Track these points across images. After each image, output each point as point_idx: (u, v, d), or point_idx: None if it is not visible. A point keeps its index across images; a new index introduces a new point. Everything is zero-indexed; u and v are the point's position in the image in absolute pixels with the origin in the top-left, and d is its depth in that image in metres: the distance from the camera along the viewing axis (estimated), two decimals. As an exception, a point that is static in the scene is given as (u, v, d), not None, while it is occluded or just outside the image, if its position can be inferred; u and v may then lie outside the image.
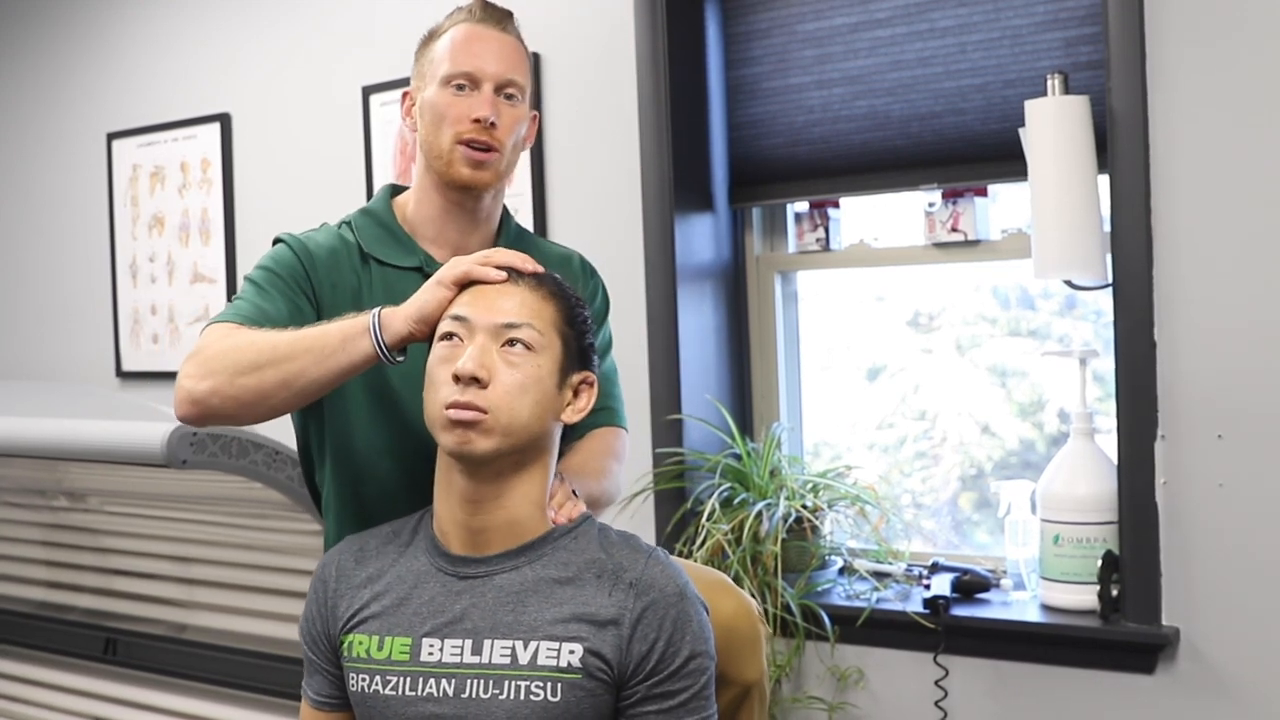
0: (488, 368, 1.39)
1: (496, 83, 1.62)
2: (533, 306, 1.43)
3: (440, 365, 1.42)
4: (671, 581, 1.42)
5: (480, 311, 1.42)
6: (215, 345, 1.50)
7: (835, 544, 2.69)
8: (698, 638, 1.41)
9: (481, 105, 1.61)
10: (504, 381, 1.40)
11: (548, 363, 1.43)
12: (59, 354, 3.93)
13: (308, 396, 1.50)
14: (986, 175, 2.54)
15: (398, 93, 3.12)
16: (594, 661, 1.38)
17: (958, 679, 2.46)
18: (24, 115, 3.99)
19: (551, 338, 1.44)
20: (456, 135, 1.61)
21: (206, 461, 2.11)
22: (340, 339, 1.46)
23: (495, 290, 1.43)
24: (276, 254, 1.64)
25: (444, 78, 1.63)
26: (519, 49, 1.67)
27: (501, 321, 1.41)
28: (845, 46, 2.66)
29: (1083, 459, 2.38)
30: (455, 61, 1.62)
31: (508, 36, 1.66)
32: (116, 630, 2.97)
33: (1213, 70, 2.20)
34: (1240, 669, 2.22)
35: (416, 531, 1.51)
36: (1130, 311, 2.26)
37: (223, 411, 1.49)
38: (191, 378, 1.48)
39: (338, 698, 1.52)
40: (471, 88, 1.62)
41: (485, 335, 1.41)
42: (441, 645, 1.42)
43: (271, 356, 1.46)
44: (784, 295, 2.89)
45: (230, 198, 3.50)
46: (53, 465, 2.64)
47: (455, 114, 1.61)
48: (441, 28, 1.68)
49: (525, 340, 1.41)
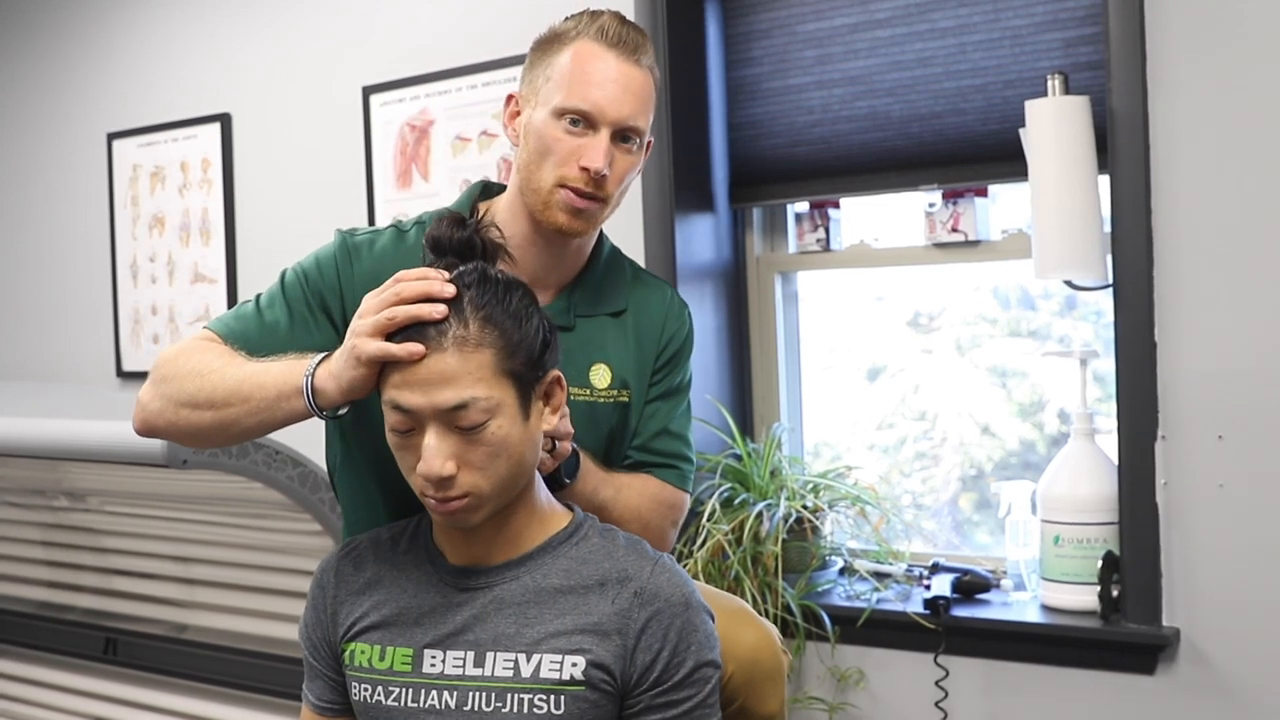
0: (453, 458, 1.32)
1: (616, 128, 1.48)
2: (471, 372, 1.31)
3: (402, 453, 1.36)
4: (678, 590, 1.40)
5: (418, 399, 1.31)
6: (176, 363, 1.48)
7: (836, 544, 2.69)
8: (703, 647, 1.39)
9: (596, 155, 1.47)
10: (472, 462, 1.33)
11: (507, 417, 1.33)
12: (59, 354, 3.93)
13: (247, 439, 1.47)
14: (987, 176, 2.54)
15: (398, 93, 3.15)
16: (597, 673, 1.36)
17: (958, 679, 2.46)
18: (24, 115, 3.99)
19: (501, 387, 1.32)
20: (560, 178, 1.48)
21: (206, 461, 2.11)
22: (275, 394, 1.40)
23: (423, 365, 1.30)
24: (319, 255, 1.57)
25: (558, 109, 1.48)
26: (649, 86, 1.51)
27: (445, 407, 1.30)
28: (845, 47, 2.66)
29: (1083, 459, 2.38)
30: (574, 93, 1.47)
31: (639, 70, 1.50)
32: (116, 630, 2.97)
33: (1213, 71, 2.20)
34: (1240, 669, 2.22)
35: (415, 538, 1.49)
36: (1130, 312, 2.26)
37: (169, 436, 1.49)
38: (147, 392, 1.49)
39: (339, 703, 1.51)
40: (587, 127, 1.48)
41: (435, 423, 1.32)
42: (444, 657, 1.40)
43: (210, 398, 1.43)
44: (784, 295, 2.89)
45: (230, 198, 3.50)
46: (53, 465, 2.64)
47: (563, 153, 1.48)
48: (566, 34, 1.51)
49: (476, 419, 1.31)
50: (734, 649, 1.53)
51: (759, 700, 1.56)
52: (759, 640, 1.59)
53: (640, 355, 1.63)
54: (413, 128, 3.11)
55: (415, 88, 3.10)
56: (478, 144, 3.00)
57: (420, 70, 3.09)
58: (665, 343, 1.65)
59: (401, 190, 3.14)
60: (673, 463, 1.65)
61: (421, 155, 3.10)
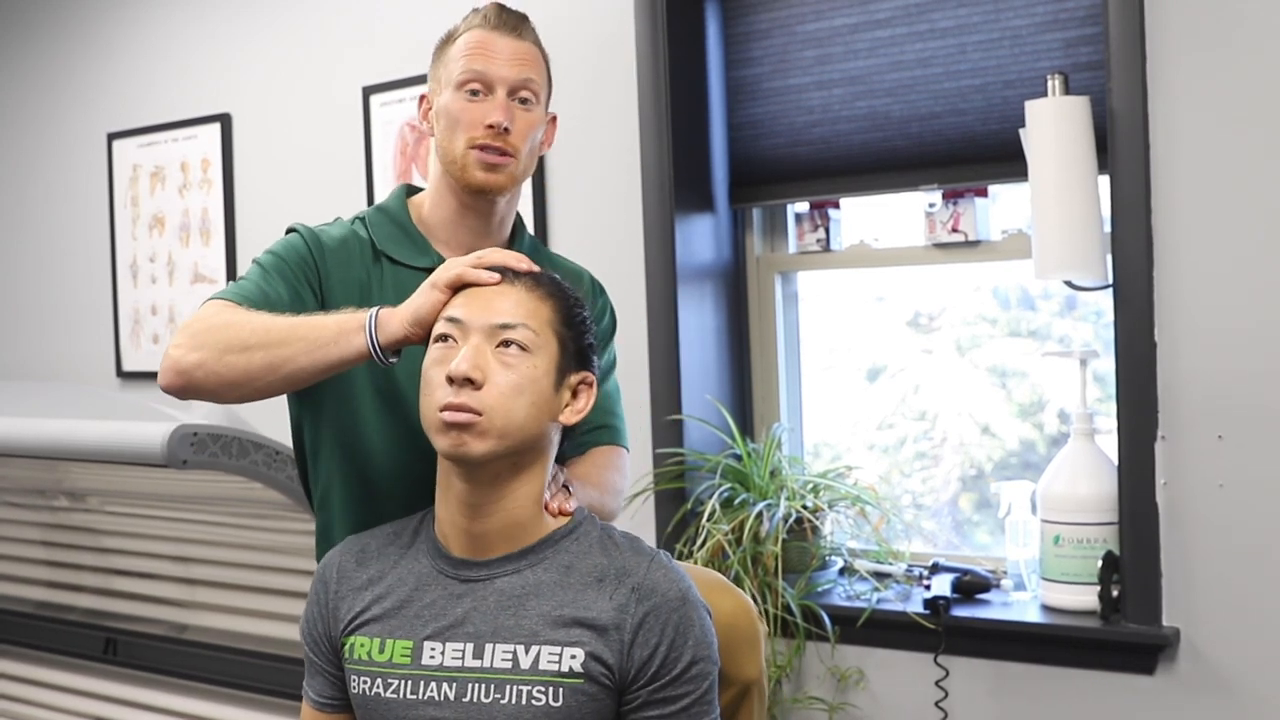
0: (482, 368, 1.38)
1: (510, 86, 1.62)
2: (528, 307, 1.42)
3: (434, 367, 1.41)
4: (674, 586, 1.41)
5: (474, 312, 1.41)
6: (209, 319, 1.49)
7: (836, 544, 2.69)
8: (700, 643, 1.40)
9: (495, 110, 1.60)
10: (499, 383, 1.38)
11: (544, 363, 1.41)
12: (59, 354, 3.93)
13: (294, 384, 1.49)
14: (987, 176, 2.54)
15: (398, 93, 3.15)
16: (596, 666, 1.38)
17: (958, 679, 2.46)
18: (24, 115, 3.99)
19: (548, 338, 1.42)
20: (470, 140, 1.61)
21: (206, 461, 2.11)
22: (336, 332, 1.45)
23: (490, 291, 1.42)
24: (287, 241, 1.64)
25: (457, 82, 1.62)
26: (534, 52, 1.66)
27: (496, 322, 1.40)
28: (845, 47, 2.66)
29: (1083, 459, 2.38)
30: (468, 66, 1.62)
31: (522, 42, 1.65)
32: (116, 630, 2.97)
33: (1213, 71, 2.20)
34: (1241, 669, 2.22)
35: (418, 533, 1.51)
36: (1130, 312, 2.26)
37: (205, 386, 1.48)
38: (180, 348, 1.48)
39: (339, 699, 1.51)
40: (485, 92, 1.61)
41: (480, 336, 1.40)
42: (443, 649, 1.41)
43: (263, 339, 1.45)
44: (784, 296, 2.89)
45: (230, 198, 3.50)
46: (53, 465, 2.64)
47: (469, 119, 1.61)
48: (457, 31, 1.67)
49: (520, 341, 1.40)
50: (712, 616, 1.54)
51: (737, 665, 1.58)
52: (736, 607, 1.62)
53: None
54: (413, 128, 3.11)
55: (415, 88, 3.10)
56: (478, 144, 3.00)
57: (420, 70, 3.05)
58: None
59: (401, 190, 3.14)
60: (607, 422, 1.73)
61: (421, 155, 3.10)
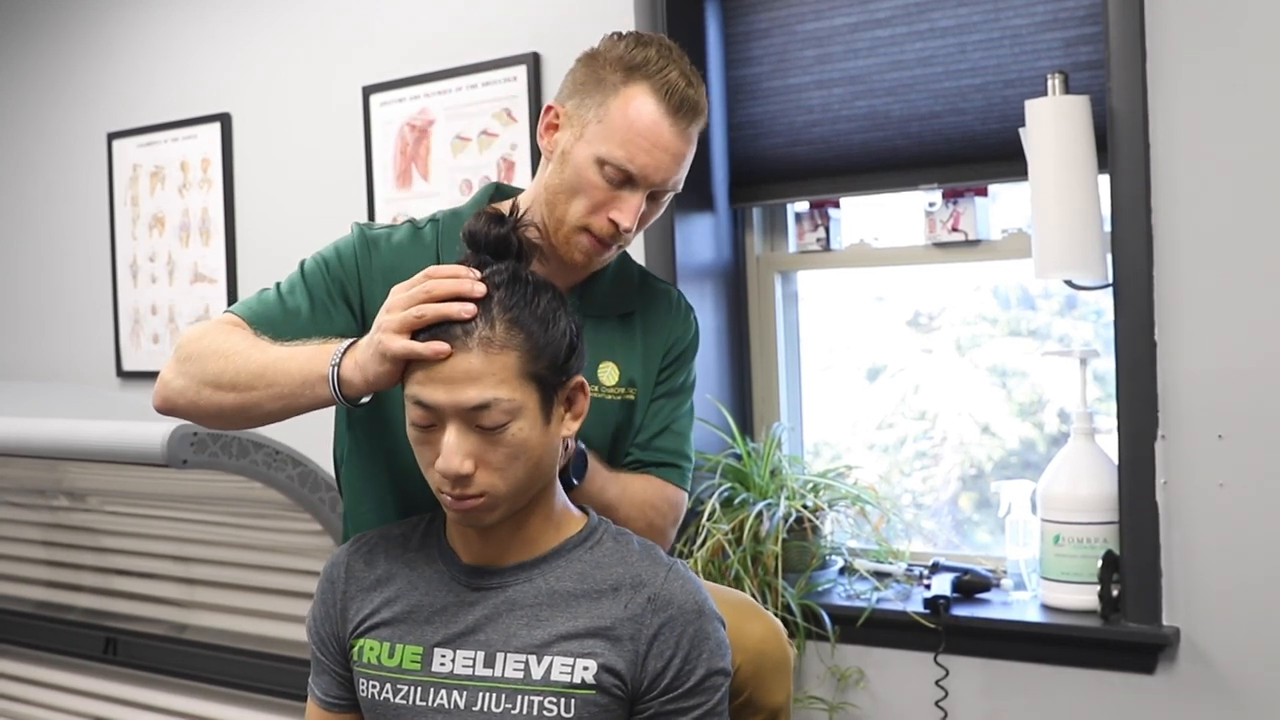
0: (471, 456, 1.32)
1: (655, 190, 1.52)
2: (495, 374, 1.31)
3: (421, 447, 1.36)
4: (691, 597, 1.39)
5: (441, 396, 1.31)
6: (201, 342, 1.49)
7: (836, 544, 2.69)
8: (714, 655, 1.39)
9: (628, 212, 1.50)
10: (490, 462, 1.33)
11: (528, 420, 1.33)
12: (59, 354, 3.93)
13: (268, 422, 1.48)
14: (987, 175, 2.54)
15: (398, 92, 3.15)
16: (608, 678, 1.36)
17: (958, 679, 2.46)
18: (24, 115, 3.99)
19: (524, 390, 1.33)
20: (587, 223, 1.51)
21: (207, 461, 2.11)
22: (300, 381, 1.41)
23: (448, 364, 1.31)
24: (338, 244, 1.59)
25: (602, 158, 1.49)
26: (692, 149, 1.54)
27: (466, 406, 1.31)
28: (845, 46, 2.66)
29: (1083, 459, 2.38)
30: (624, 152, 1.48)
31: (688, 138, 1.53)
32: (116, 630, 2.97)
33: (1213, 70, 2.20)
34: (1240, 669, 2.22)
35: (428, 535, 1.49)
36: (1130, 311, 2.26)
37: (190, 415, 1.49)
38: (169, 370, 1.49)
39: (346, 699, 1.50)
40: (626, 182, 1.50)
41: (455, 420, 1.32)
42: (454, 656, 1.40)
43: (234, 380, 1.44)
44: (784, 295, 2.89)
45: (230, 198, 3.50)
46: (53, 465, 2.64)
47: (596, 201, 1.50)
48: (629, 69, 1.50)
49: (498, 420, 1.31)
50: (742, 641, 1.53)
51: (766, 692, 1.57)
52: (766, 632, 1.60)
53: (647, 356, 1.65)
54: (413, 127, 3.11)
55: (415, 87, 3.10)
56: (478, 144, 3.00)
57: (420, 70, 3.09)
58: (672, 343, 1.68)
59: (401, 190, 3.14)
60: (674, 461, 1.67)
61: (421, 155, 3.10)
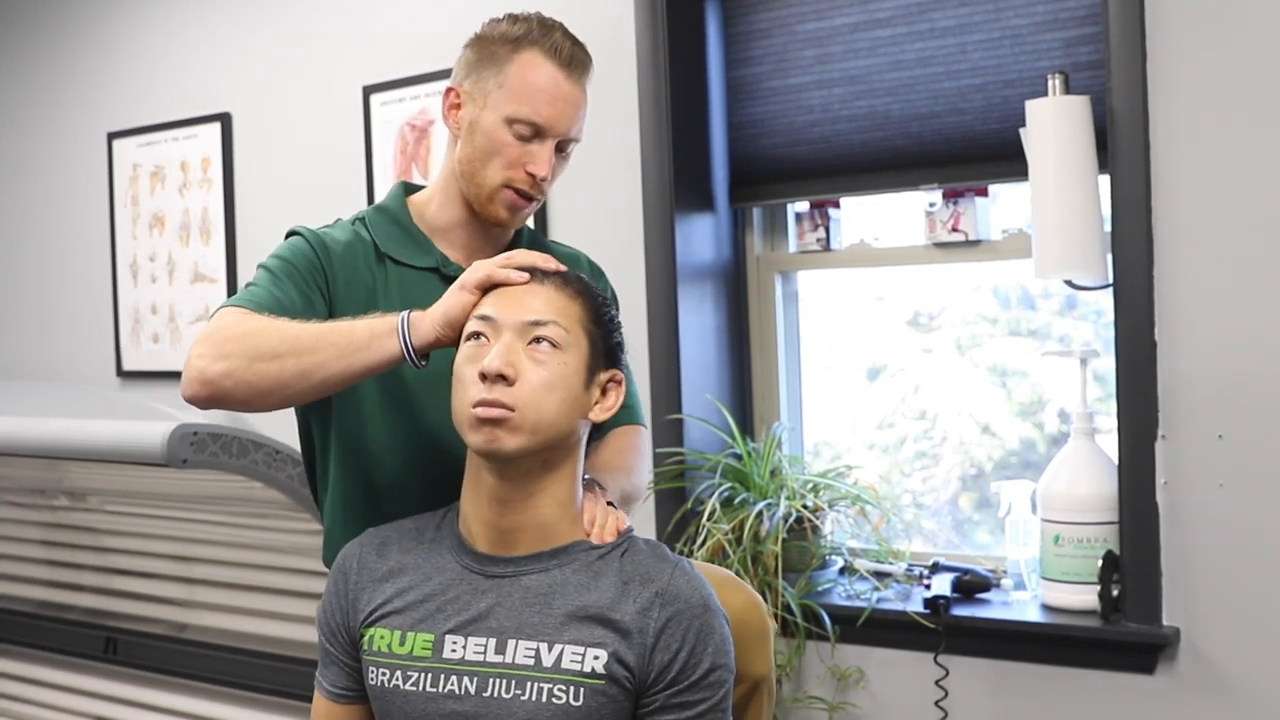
0: (514, 365, 1.39)
1: (561, 140, 1.61)
2: (559, 305, 1.43)
3: (467, 364, 1.42)
4: (697, 593, 1.42)
5: (506, 310, 1.42)
6: (233, 328, 1.46)
7: (836, 544, 2.69)
8: (719, 650, 1.41)
9: (541, 162, 1.59)
10: (530, 379, 1.39)
11: (574, 360, 1.42)
12: (59, 354, 3.93)
13: (324, 390, 1.47)
14: (987, 175, 2.54)
15: (398, 92, 3.15)
16: (617, 668, 1.38)
17: (958, 679, 2.46)
18: (24, 115, 4.00)
19: (578, 335, 1.43)
20: (506, 179, 1.60)
21: (207, 461, 2.11)
22: (367, 336, 1.44)
23: (521, 290, 1.43)
24: (292, 245, 1.61)
25: (510, 117, 1.58)
26: (586, 99, 1.63)
27: (528, 319, 1.41)
28: (845, 46, 2.66)
29: (1083, 459, 2.38)
30: (529, 108, 1.58)
31: (582, 92, 1.62)
32: (117, 630, 2.97)
33: (1213, 70, 2.20)
34: (1241, 669, 2.22)
35: (440, 529, 1.50)
36: (1130, 311, 2.26)
37: (235, 396, 1.45)
38: (205, 357, 1.44)
39: (354, 690, 1.51)
40: (534, 136, 1.59)
41: (512, 333, 1.41)
42: (465, 643, 1.41)
43: (294, 346, 1.44)
44: (784, 295, 2.89)
45: (231, 197, 3.50)
46: (53, 465, 2.64)
47: (511, 158, 1.59)
48: (517, 40, 1.60)
49: (551, 338, 1.41)
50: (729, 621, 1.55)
51: (748, 661, 1.58)
52: (746, 602, 1.62)
53: None
54: (413, 127, 3.11)
55: (415, 87, 3.10)
56: (478, 144, 3.00)
57: (420, 70, 3.09)
58: None
59: (402, 190, 3.14)
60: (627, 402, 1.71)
61: (422, 155, 3.10)
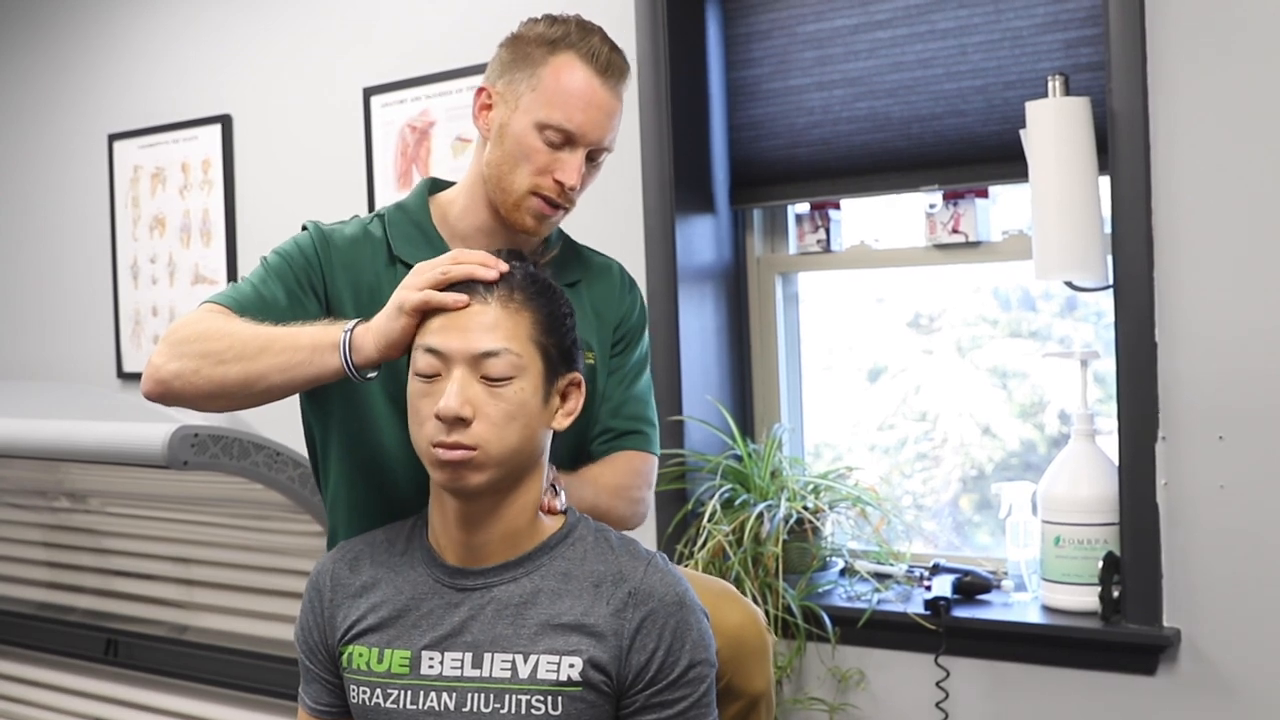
0: (471, 403, 1.35)
1: (594, 149, 1.56)
2: (506, 327, 1.37)
3: (421, 400, 1.38)
4: (671, 590, 1.41)
5: (453, 341, 1.36)
6: (193, 327, 1.48)
7: (836, 545, 2.69)
8: (697, 646, 1.40)
9: (571, 171, 1.54)
10: (489, 414, 1.35)
11: (530, 383, 1.38)
12: (59, 354, 3.93)
13: (270, 397, 1.47)
14: (987, 177, 2.54)
15: (399, 93, 3.15)
16: (594, 674, 1.37)
17: (959, 680, 2.46)
18: (24, 116, 4.00)
19: (530, 355, 1.38)
20: (535, 186, 1.55)
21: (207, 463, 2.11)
22: (310, 350, 1.43)
23: (465, 314, 1.37)
24: (297, 240, 1.61)
25: (541, 122, 1.54)
26: (622, 107, 1.59)
27: (477, 351, 1.36)
28: (846, 48, 2.66)
29: (1084, 460, 2.38)
30: (561, 114, 1.53)
31: (618, 101, 1.58)
32: (117, 631, 2.97)
33: (1213, 71, 2.20)
34: (1241, 670, 2.22)
35: (411, 540, 1.49)
36: (1131, 313, 2.26)
37: (184, 396, 1.47)
38: (161, 355, 1.47)
39: (336, 706, 1.51)
40: (566, 143, 1.55)
41: (463, 367, 1.36)
42: (441, 658, 1.41)
43: (239, 352, 1.44)
44: (785, 296, 2.89)
45: (231, 199, 3.50)
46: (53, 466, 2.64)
47: (540, 164, 1.54)
48: (556, 44, 1.55)
49: (504, 370, 1.36)
50: (720, 626, 1.54)
51: (745, 678, 1.58)
52: (744, 618, 1.61)
53: (600, 325, 1.68)
54: (413, 129, 3.11)
55: (416, 89, 3.10)
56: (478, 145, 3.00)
57: (421, 71, 3.09)
58: (621, 319, 1.71)
59: (402, 191, 3.13)
60: (640, 427, 1.69)
61: (422, 156, 3.11)
